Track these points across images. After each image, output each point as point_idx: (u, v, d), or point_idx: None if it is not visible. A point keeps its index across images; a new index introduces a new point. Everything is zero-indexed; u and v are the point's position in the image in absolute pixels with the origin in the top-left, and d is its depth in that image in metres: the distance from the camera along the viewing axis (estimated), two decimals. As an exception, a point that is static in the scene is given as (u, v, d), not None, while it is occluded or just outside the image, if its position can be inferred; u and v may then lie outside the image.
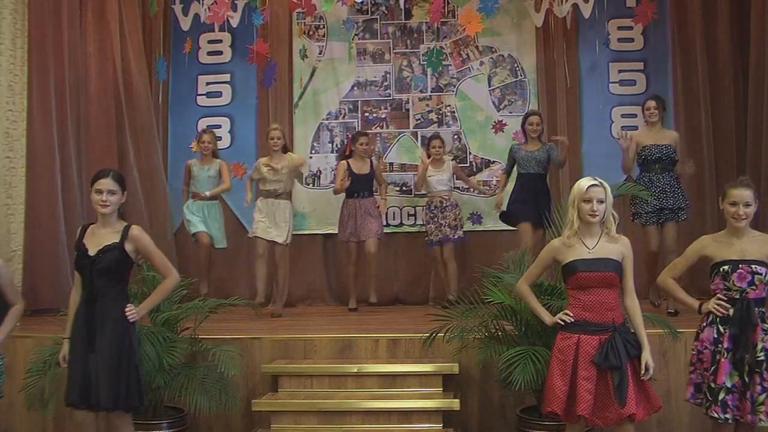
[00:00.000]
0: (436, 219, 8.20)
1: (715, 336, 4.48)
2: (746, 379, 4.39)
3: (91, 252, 4.58)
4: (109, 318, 4.55)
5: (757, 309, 4.44)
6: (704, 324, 4.58)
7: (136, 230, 4.67)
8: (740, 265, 4.44)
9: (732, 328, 4.43)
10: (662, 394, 5.68)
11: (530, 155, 7.82)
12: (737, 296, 4.46)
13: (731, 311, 4.45)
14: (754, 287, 4.43)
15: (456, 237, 8.18)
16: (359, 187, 8.27)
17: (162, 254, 4.81)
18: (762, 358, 4.38)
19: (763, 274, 4.42)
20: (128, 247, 4.61)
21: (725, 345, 4.43)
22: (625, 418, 4.23)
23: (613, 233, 4.41)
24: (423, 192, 8.66)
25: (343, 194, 8.34)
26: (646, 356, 4.33)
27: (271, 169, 7.85)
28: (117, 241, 4.59)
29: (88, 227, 4.72)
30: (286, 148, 8.11)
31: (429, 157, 8.28)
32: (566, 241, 4.42)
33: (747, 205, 4.49)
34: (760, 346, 4.39)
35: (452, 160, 8.64)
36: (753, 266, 4.43)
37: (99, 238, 4.61)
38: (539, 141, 7.93)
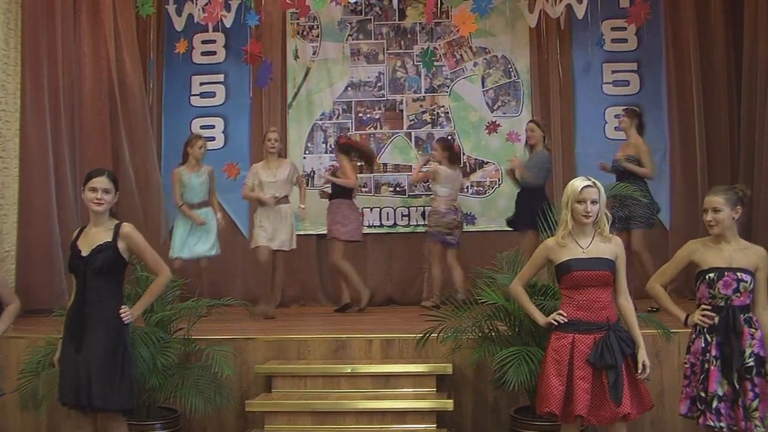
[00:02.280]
0: (443, 220, 8.13)
1: (703, 345, 4.47)
2: (736, 386, 4.38)
3: (84, 252, 4.55)
4: (103, 319, 4.53)
5: (742, 315, 4.43)
6: (693, 336, 4.58)
7: (127, 227, 4.64)
8: (726, 273, 4.43)
9: (718, 336, 4.43)
10: (656, 394, 5.69)
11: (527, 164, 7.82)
12: (722, 304, 4.44)
13: (716, 319, 4.44)
14: (738, 294, 4.42)
15: (453, 242, 8.16)
16: (340, 189, 8.25)
17: (154, 252, 4.79)
18: (751, 364, 4.38)
19: (748, 282, 4.41)
20: (121, 245, 4.59)
21: (713, 353, 4.42)
22: (619, 417, 4.24)
23: (606, 233, 4.42)
24: (417, 192, 8.72)
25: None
26: (643, 355, 4.34)
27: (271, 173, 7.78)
28: (110, 240, 4.57)
29: (84, 229, 4.70)
30: (281, 153, 8.06)
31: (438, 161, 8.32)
32: (560, 241, 4.42)
33: (716, 210, 4.46)
34: (748, 351, 4.39)
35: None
36: (739, 274, 4.42)
37: (91, 238, 4.59)
38: (532, 151, 7.86)
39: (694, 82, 8.69)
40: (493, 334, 5.57)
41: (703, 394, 4.43)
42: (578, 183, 4.40)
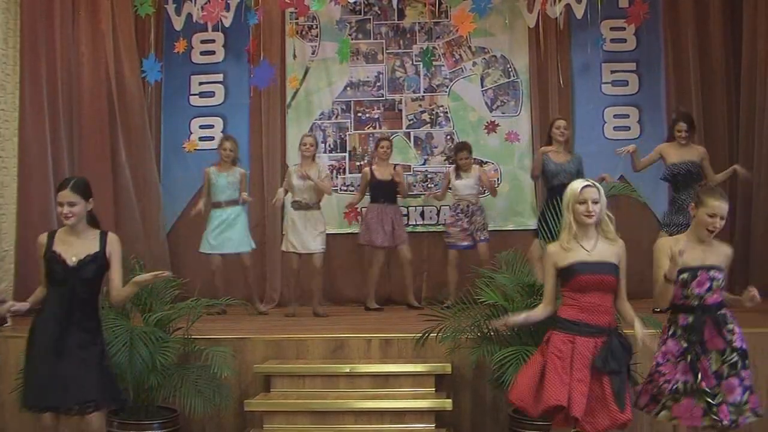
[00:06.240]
0: (461, 223, 8.19)
1: (686, 346, 4.39)
2: (698, 381, 4.33)
3: (70, 261, 4.56)
4: (87, 322, 4.61)
5: (718, 312, 4.40)
6: (666, 336, 4.52)
7: (114, 237, 4.72)
8: (699, 272, 4.39)
9: (695, 336, 4.37)
10: (654, 394, 5.71)
11: (560, 167, 7.61)
12: (695, 303, 4.40)
13: (690, 320, 4.40)
14: (711, 293, 4.39)
15: (482, 239, 8.16)
16: (382, 192, 8.31)
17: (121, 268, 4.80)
18: (735, 359, 4.36)
19: (720, 280, 4.40)
20: (107, 254, 4.65)
21: (698, 350, 4.37)
22: (620, 423, 4.18)
23: (610, 234, 4.38)
24: (416, 192, 8.81)
25: (367, 198, 8.45)
26: (639, 328, 4.26)
27: (302, 175, 7.79)
28: (98, 249, 4.61)
29: (54, 234, 4.68)
30: (314, 157, 8.13)
31: (457, 168, 8.34)
32: (564, 245, 4.37)
33: (722, 218, 4.42)
34: (734, 345, 4.37)
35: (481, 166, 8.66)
36: (711, 272, 4.39)
37: (75, 247, 4.59)
38: (567, 151, 7.78)
39: (693, 82, 8.70)
40: (491, 334, 5.57)
41: (703, 389, 4.35)
42: (577, 184, 4.38)
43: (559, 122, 7.82)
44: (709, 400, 4.30)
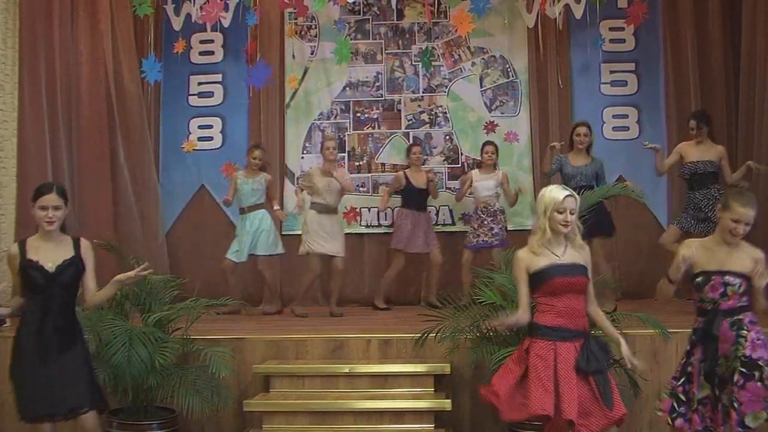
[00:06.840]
0: (479, 220, 8.14)
1: (688, 348, 4.42)
2: (716, 391, 4.32)
3: (48, 267, 4.55)
4: (70, 327, 4.62)
5: (728, 319, 4.34)
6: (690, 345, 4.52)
7: (87, 242, 4.73)
8: (713, 277, 4.35)
9: (703, 339, 4.37)
10: (653, 394, 5.70)
11: (577, 171, 7.52)
12: (709, 307, 4.38)
13: (702, 323, 4.40)
14: (726, 298, 4.34)
15: (498, 243, 8.03)
16: (416, 199, 8.32)
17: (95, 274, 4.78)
18: (738, 367, 4.30)
19: (736, 285, 4.33)
20: (83, 257, 4.66)
21: (698, 356, 4.38)
22: (615, 420, 4.18)
23: (577, 242, 4.36)
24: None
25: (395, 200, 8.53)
26: (625, 350, 4.29)
27: (327, 176, 7.87)
28: (73, 254, 4.62)
29: (25, 243, 4.65)
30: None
31: (481, 164, 8.35)
32: (535, 249, 4.32)
33: (747, 224, 4.36)
34: (739, 353, 4.30)
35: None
36: (726, 277, 4.33)
37: (50, 253, 4.58)
38: (587, 155, 7.67)
39: (692, 82, 8.70)
40: (490, 334, 5.57)
41: (682, 397, 4.39)
42: (558, 193, 4.31)
43: (579, 129, 7.67)
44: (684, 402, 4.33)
